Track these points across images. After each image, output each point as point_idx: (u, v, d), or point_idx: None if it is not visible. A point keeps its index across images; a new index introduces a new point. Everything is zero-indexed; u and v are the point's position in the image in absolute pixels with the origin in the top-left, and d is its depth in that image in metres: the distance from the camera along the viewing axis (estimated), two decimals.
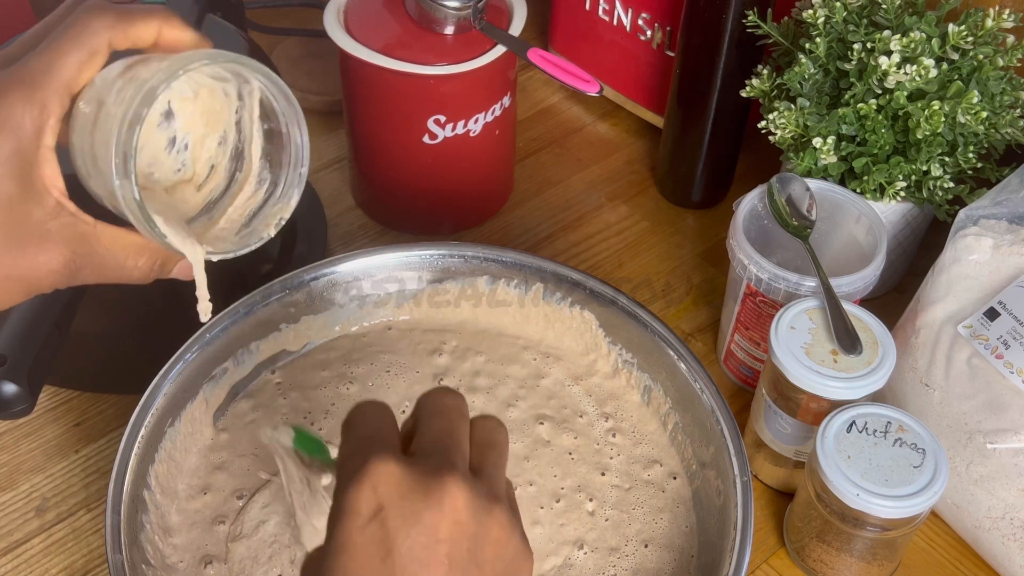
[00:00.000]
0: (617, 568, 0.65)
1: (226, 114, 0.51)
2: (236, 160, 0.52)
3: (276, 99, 0.50)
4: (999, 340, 0.65)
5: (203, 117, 0.51)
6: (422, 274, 0.76)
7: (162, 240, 0.47)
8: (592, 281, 0.74)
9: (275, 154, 0.52)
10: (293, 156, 0.51)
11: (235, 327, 0.70)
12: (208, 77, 0.50)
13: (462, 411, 0.45)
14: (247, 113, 0.51)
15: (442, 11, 0.77)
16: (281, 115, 0.50)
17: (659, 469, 0.70)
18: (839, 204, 0.75)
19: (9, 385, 0.57)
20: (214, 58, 0.46)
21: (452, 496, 0.40)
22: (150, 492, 0.64)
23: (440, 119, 0.81)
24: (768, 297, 0.72)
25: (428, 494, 0.40)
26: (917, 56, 0.71)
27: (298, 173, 0.51)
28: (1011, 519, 0.65)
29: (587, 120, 1.01)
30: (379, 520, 0.39)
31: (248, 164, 0.52)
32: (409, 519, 0.39)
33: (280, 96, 0.49)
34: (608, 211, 0.93)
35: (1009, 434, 0.64)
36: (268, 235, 0.51)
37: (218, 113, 0.51)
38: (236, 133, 0.52)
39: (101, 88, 0.46)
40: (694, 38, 0.82)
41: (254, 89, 0.50)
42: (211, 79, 0.50)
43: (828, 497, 0.63)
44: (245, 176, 0.52)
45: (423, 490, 0.40)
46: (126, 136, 0.44)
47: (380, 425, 0.44)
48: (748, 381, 0.78)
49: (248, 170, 0.52)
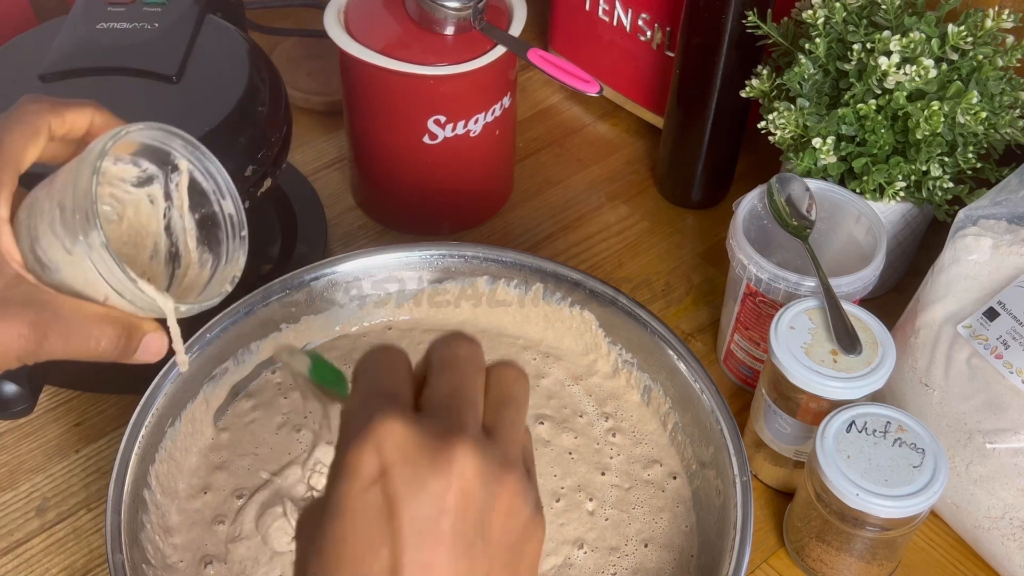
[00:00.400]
0: (617, 568, 0.65)
1: (154, 224, 0.52)
2: (173, 261, 0.53)
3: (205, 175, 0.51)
4: (998, 340, 0.65)
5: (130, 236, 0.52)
6: (422, 274, 0.76)
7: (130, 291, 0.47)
8: (592, 281, 0.74)
9: (211, 234, 0.53)
10: (230, 228, 0.52)
11: (235, 327, 0.71)
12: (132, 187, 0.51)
13: (476, 361, 0.42)
14: (176, 211, 0.52)
15: (442, 11, 0.77)
16: (212, 193, 0.52)
17: (659, 469, 0.70)
18: (839, 204, 0.75)
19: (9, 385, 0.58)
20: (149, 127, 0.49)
21: (461, 462, 0.37)
22: (150, 492, 0.64)
23: (440, 119, 0.81)
24: (768, 297, 0.72)
25: (435, 459, 0.37)
26: (917, 56, 0.71)
27: (239, 238, 0.52)
28: (1010, 519, 0.66)
29: (587, 120, 1.01)
30: (381, 484, 0.37)
31: (186, 258, 0.53)
32: (413, 485, 0.36)
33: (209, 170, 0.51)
34: (608, 211, 0.93)
35: (1008, 434, 0.64)
36: (225, 291, 0.52)
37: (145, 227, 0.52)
38: (167, 239, 0.53)
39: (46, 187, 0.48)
40: (694, 38, 0.82)
41: (182, 174, 0.51)
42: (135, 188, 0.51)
43: (828, 497, 0.63)
44: (185, 269, 0.53)
45: (430, 454, 0.37)
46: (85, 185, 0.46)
47: (392, 377, 0.41)
48: (748, 381, 0.78)
49: (187, 263, 0.53)
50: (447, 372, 0.41)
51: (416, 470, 0.37)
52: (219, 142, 0.69)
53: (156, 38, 0.73)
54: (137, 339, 0.50)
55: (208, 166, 0.51)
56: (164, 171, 0.52)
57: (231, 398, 0.72)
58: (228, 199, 0.52)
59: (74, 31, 0.74)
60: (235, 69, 0.73)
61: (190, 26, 0.75)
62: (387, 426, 0.37)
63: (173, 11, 0.75)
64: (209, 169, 0.52)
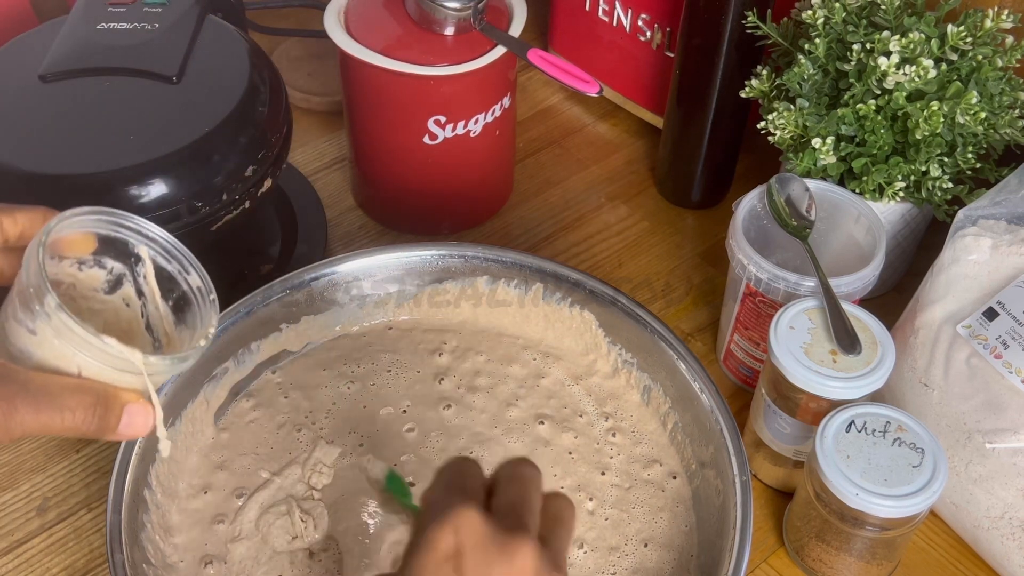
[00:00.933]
0: (617, 567, 0.65)
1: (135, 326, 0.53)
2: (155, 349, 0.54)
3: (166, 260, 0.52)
4: (998, 340, 0.65)
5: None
6: (422, 274, 0.76)
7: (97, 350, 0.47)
8: (592, 281, 0.74)
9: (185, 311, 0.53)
10: (200, 298, 0.53)
11: (235, 327, 0.71)
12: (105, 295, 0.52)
13: (537, 482, 0.48)
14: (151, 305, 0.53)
15: (442, 12, 0.77)
16: (178, 273, 0.52)
17: (659, 468, 0.70)
18: (838, 204, 0.75)
19: None
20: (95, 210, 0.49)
21: (524, 555, 0.43)
22: (151, 491, 0.64)
23: (440, 119, 0.81)
24: (767, 297, 0.72)
25: (503, 549, 0.43)
26: (916, 57, 0.71)
27: (209, 303, 0.53)
28: (1010, 518, 0.66)
29: (587, 120, 1.02)
30: (455, 562, 0.42)
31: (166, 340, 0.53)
32: (481, 567, 0.42)
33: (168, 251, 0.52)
34: (608, 211, 0.93)
35: (1008, 434, 0.64)
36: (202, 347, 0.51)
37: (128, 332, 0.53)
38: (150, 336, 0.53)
39: None
40: (694, 39, 0.82)
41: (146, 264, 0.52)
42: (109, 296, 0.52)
43: (827, 497, 0.63)
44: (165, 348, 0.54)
45: (499, 544, 0.43)
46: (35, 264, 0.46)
47: (469, 480, 0.47)
48: (748, 381, 0.78)
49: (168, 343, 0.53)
50: (514, 484, 0.47)
51: (486, 555, 0.42)
52: (219, 142, 0.69)
53: (156, 38, 0.73)
54: (117, 410, 0.49)
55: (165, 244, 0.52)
56: (128, 265, 0.52)
57: (231, 398, 0.72)
58: (193, 272, 0.53)
59: (74, 31, 0.74)
60: (235, 69, 0.73)
61: (190, 26, 0.75)
62: (466, 513, 0.43)
63: (173, 11, 0.75)
64: (167, 248, 0.52)
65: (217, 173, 0.69)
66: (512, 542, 0.43)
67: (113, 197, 0.66)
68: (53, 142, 0.68)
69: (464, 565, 0.42)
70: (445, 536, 0.43)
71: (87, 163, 0.67)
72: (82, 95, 0.71)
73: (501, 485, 0.47)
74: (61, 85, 0.71)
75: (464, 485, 0.47)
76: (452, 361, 0.75)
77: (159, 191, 0.67)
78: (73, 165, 0.67)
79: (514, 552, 0.43)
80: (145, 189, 0.67)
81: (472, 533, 0.43)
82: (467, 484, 0.47)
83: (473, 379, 0.74)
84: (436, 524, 0.43)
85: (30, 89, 0.71)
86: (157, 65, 0.72)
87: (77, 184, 0.67)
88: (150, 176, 0.67)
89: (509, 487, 0.47)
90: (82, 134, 0.69)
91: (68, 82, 0.71)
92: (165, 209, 0.67)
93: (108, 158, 0.67)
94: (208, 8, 0.77)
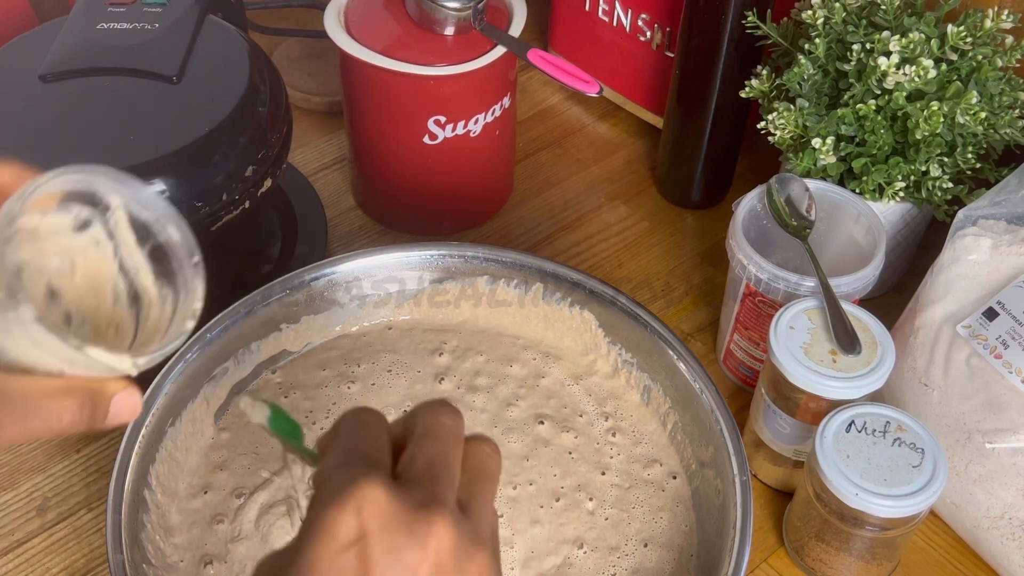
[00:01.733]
0: (617, 567, 0.65)
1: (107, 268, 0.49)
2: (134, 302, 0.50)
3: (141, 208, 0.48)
4: (998, 340, 0.65)
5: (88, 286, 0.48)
6: (422, 274, 0.76)
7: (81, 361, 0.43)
8: (592, 281, 0.74)
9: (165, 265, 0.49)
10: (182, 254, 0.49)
11: (235, 327, 0.71)
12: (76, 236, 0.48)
13: (458, 433, 0.42)
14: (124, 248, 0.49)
15: (442, 12, 0.77)
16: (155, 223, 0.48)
17: (659, 468, 0.70)
18: (838, 204, 0.75)
19: None
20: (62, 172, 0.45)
21: (438, 536, 0.37)
22: (151, 491, 0.65)
23: (440, 119, 0.81)
24: (767, 297, 0.72)
25: (413, 530, 0.37)
26: (916, 57, 0.72)
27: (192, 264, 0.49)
28: (1010, 518, 0.66)
29: (587, 121, 1.02)
30: (358, 549, 0.36)
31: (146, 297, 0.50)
32: (389, 555, 0.36)
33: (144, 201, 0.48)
34: (608, 211, 0.93)
35: (1008, 434, 0.64)
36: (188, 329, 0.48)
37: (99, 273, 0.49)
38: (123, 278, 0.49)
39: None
40: (694, 39, 0.82)
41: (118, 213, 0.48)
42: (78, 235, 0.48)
43: (827, 496, 0.63)
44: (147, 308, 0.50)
45: (408, 525, 0.37)
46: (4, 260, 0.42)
47: (373, 441, 0.41)
48: (747, 381, 0.78)
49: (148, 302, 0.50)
50: (429, 440, 0.41)
51: (394, 539, 0.37)
52: (219, 142, 0.69)
53: (156, 38, 0.73)
54: (104, 405, 0.45)
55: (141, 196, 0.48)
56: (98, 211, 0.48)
57: (231, 398, 0.72)
58: (172, 226, 0.49)
59: (74, 31, 0.74)
60: (235, 69, 0.73)
61: (190, 26, 0.75)
62: (369, 492, 0.37)
63: (173, 11, 0.75)
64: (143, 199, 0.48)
65: (217, 173, 0.69)
66: (424, 520, 0.37)
67: None
68: (53, 142, 0.68)
69: (369, 553, 0.36)
70: (345, 519, 0.36)
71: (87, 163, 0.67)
72: (82, 95, 0.71)
73: (415, 442, 0.41)
74: (61, 85, 0.71)
75: (367, 448, 0.40)
76: (452, 361, 0.75)
77: (159, 191, 0.67)
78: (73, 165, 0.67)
79: (426, 533, 0.37)
80: None
81: (377, 513, 0.37)
82: (370, 446, 0.40)
83: (473, 379, 0.74)
84: (335, 504, 0.37)
85: (30, 89, 0.71)
86: (157, 65, 0.72)
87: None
88: (150, 176, 0.67)
89: (423, 445, 0.40)
90: (82, 134, 0.69)
91: (68, 82, 0.71)
92: None
93: (108, 158, 0.67)
94: (208, 8, 0.77)
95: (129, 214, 0.49)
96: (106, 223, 0.48)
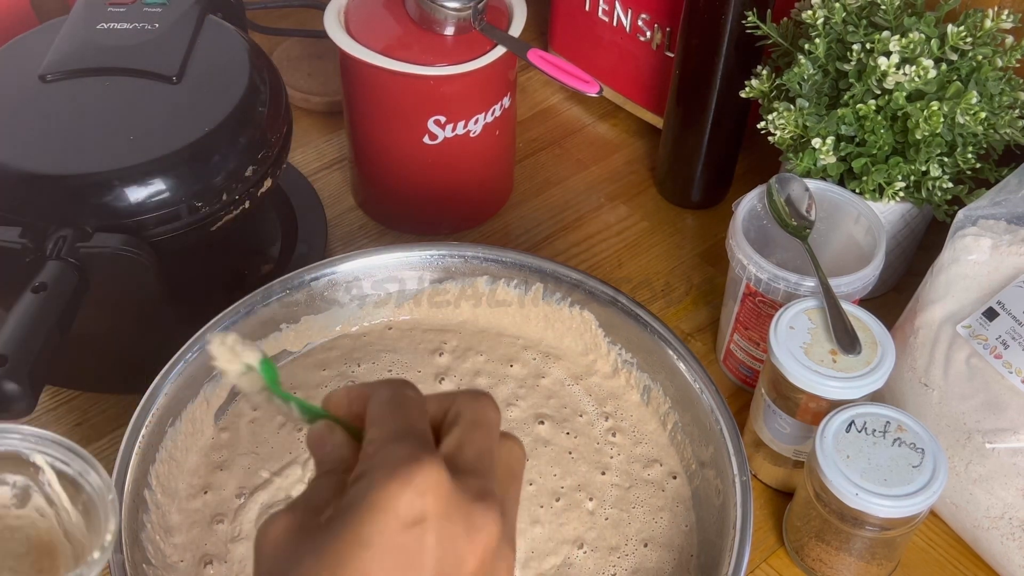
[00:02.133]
0: (617, 567, 0.65)
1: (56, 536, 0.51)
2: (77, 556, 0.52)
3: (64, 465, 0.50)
4: (998, 340, 0.65)
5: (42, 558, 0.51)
6: (422, 274, 0.76)
7: None
8: (592, 281, 0.74)
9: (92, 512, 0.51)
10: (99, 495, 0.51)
11: (235, 327, 0.71)
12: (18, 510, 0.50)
13: (498, 428, 0.41)
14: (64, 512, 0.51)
15: (442, 12, 0.77)
16: (77, 475, 0.51)
17: (659, 468, 0.70)
18: (838, 204, 0.75)
19: (10, 384, 0.58)
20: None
21: (488, 532, 0.37)
22: (151, 491, 0.65)
23: (440, 120, 0.81)
24: (767, 297, 0.72)
25: (469, 522, 0.36)
26: (916, 57, 0.72)
27: (107, 502, 0.51)
28: (1010, 518, 0.66)
29: (587, 121, 1.02)
30: (417, 532, 0.35)
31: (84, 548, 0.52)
32: (444, 543, 0.36)
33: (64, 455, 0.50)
34: (608, 211, 0.93)
35: (1008, 434, 0.64)
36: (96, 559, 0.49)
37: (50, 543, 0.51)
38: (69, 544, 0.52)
39: None
40: (694, 39, 0.82)
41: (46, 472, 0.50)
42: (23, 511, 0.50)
43: (827, 496, 0.63)
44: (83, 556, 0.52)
45: (465, 516, 0.36)
46: None
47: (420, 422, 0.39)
48: (747, 381, 0.78)
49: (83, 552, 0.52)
50: (479, 432, 0.40)
51: (452, 528, 0.36)
52: (219, 142, 0.70)
53: (156, 38, 0.73)
54: None
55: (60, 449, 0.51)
56: (29, 475, 0.51)
57: (231, 398, 0.72)
58: (92, 473, 0.51)
59: (74, 31, 0.74)
60: (235, 69, 0.73)
61: (190, 26, 0.75)
62: (432, 474, 0.36)
63: (173, 11, 0.75)
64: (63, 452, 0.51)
65: (217, 173, 0.69)
66: (480, 514, 0.37)
67: (113, 197, 0.66)
68: (53, 142, 0.68)
69: (428, 536, 0.35)
70: (407, 498, 0.35)
71: (87, 163, 0.67)
72: (82, 95, 0.71)
73: (465, 431, 0.40)
74: (61, 85, 0.71)
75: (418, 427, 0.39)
76: (452, 361, 0.75)
77: (159, 191, 0.67)
78: (73, 165, 0.67)
79: (481, 527, 0.37)
80: (145, 189, 0.67)
81: (439, 499, 0.36)
82: (419, 426, 0.39)
83: (473, 379, 0.74)
84: (397, 481, 0.35)
85: (30, 89, 0.71)
86: (157, 65, 0.72)
87: (77, 184, 0.67)
88: (150, 176, 0.67)
89: (474, 436, 0.39)
90: (82, 134, 0.69)
91: (68, 82, 0.71)
92: (165, 209, 0.67)
93: (108, 158, 0.68)
94: (208, 8, 0.77)
95: (57, 472, 0.51)
96: (41, 487, 0.51)
